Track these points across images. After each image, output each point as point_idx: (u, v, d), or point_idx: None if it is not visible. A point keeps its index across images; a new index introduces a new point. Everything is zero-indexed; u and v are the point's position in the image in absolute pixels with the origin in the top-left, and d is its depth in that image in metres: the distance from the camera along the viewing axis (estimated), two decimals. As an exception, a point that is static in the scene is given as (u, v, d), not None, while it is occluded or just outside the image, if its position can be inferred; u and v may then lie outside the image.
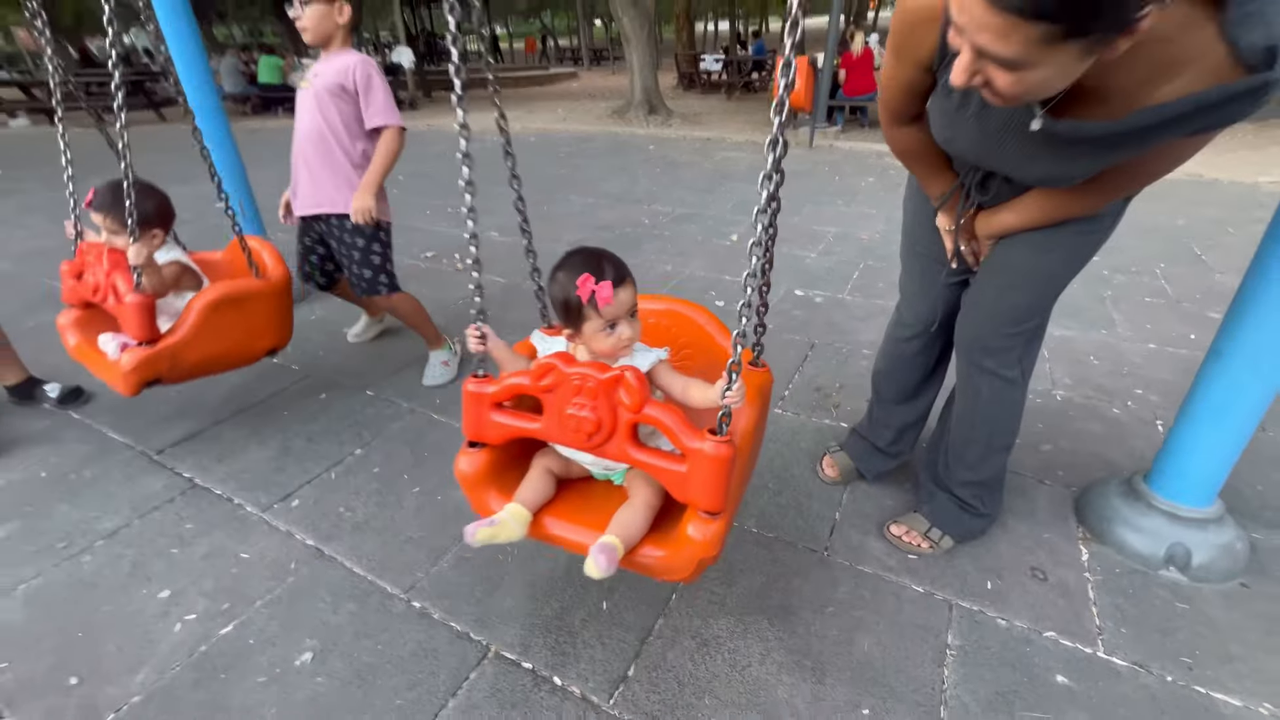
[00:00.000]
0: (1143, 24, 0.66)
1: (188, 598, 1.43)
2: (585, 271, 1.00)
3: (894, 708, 1.16)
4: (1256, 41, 0.72)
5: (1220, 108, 0.79)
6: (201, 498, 1.75)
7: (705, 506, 0.94)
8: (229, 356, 1.91)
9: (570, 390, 0.96)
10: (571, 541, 1.08)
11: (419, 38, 19.42)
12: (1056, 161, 0.98)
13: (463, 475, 1.13)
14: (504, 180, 1.22)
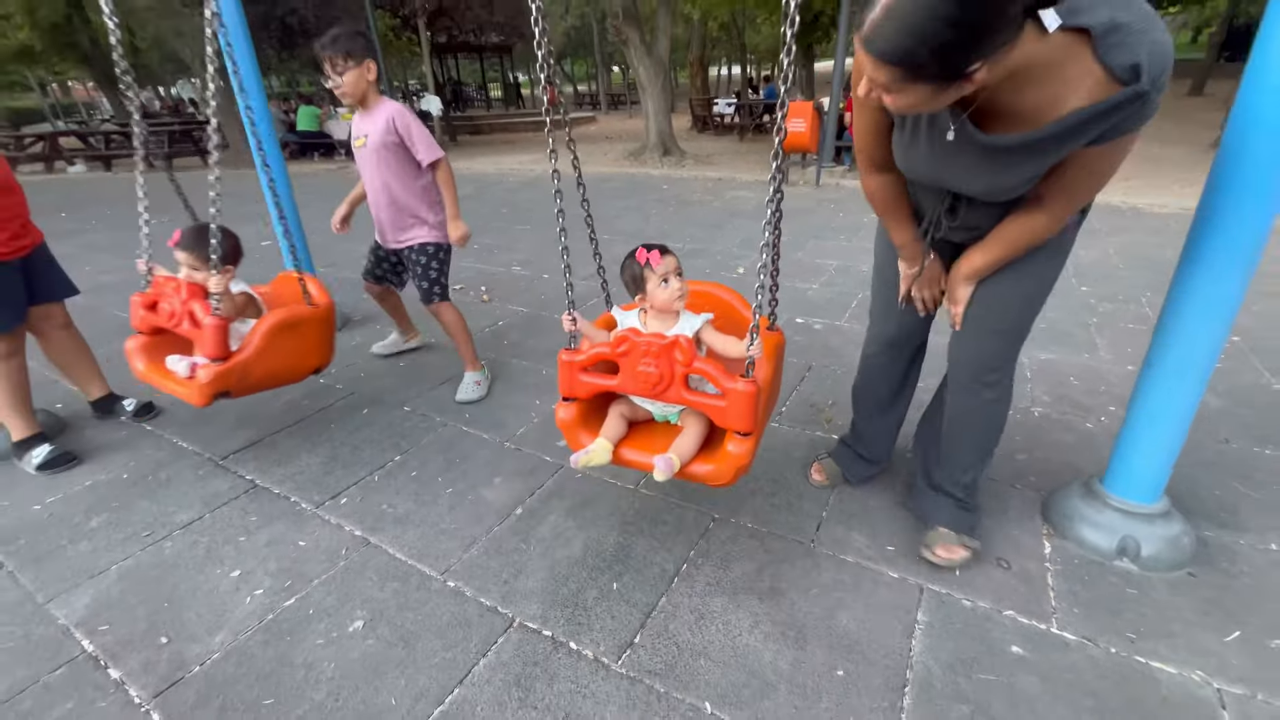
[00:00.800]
0: (978, 75, 0.88)
1: (255, 576, 1.66)
2: (640, 248, 1.44)
3: (865, 670, 1.33)
4: (1124, 61, 0.91)
5: (1108, 115, 0.96)
6: (262, 496, 1.99)
7: (740, 428, 1.31)
8: (285, 373, 2.17)
9: (640, 353, 1.35)
10: (642, 463, 1.43)
11: (445, 86, 20.46)
12: (995, 172, 1.13)
13: (562, 421, 1.50)
14: (525, 219, 1.53)
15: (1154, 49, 0.90)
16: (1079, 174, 1.10)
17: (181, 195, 2.31)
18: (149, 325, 2.08)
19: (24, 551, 1.78)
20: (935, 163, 1.19)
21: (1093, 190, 1.15)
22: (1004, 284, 1.34)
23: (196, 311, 1.92)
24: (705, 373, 1.31)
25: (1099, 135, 1.00)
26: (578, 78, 37.92)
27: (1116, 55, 0.91)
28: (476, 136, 16.42)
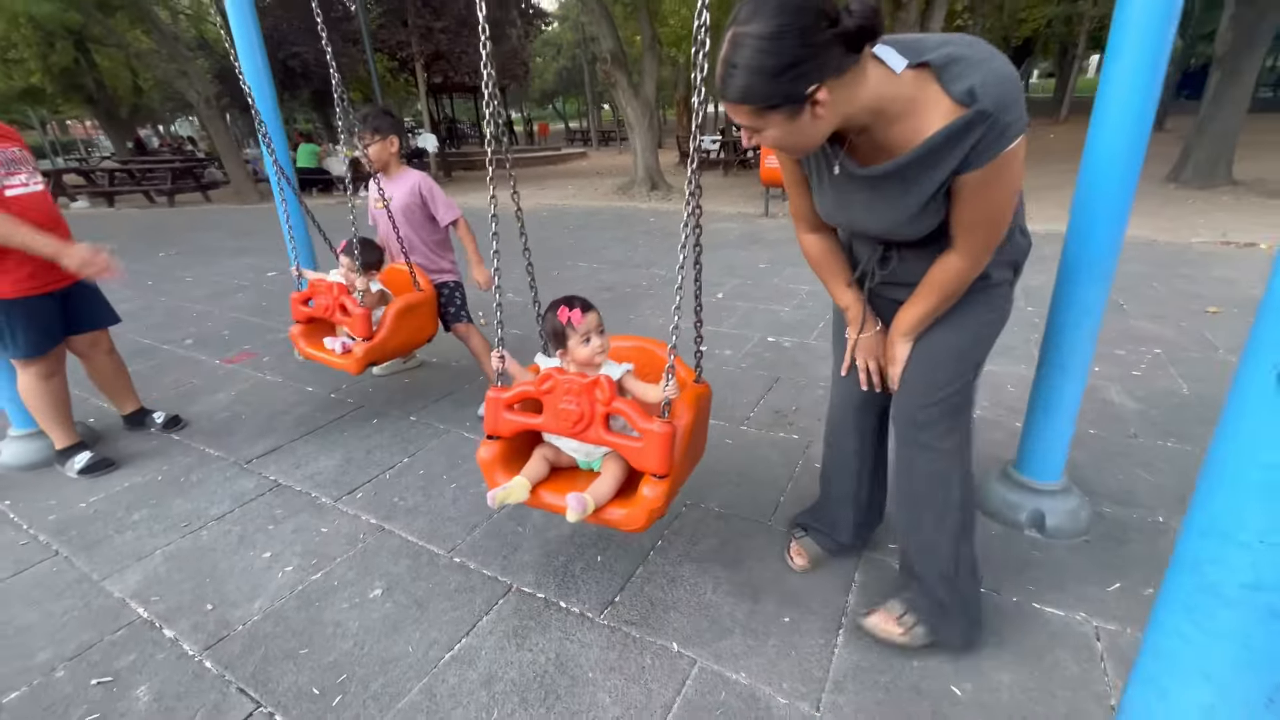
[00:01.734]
0: (820, 94, 0.96)
1: (284, 557, 1.89)
2: (562, 305, 1.48)
3: (808, 617, 1.59)
4: (962, 86, 0.99)
5: (958, 137, 1.01)
6: (285, 493, 2.23)
7: (655, 470, 1.35)
8: (410, 343, 2.65)
9: (562, 391, 1.39)
10: (556, 505, 1.45)
11: (440, 123, 21.15)
12: (884, 205, 1.17)
13: (482, 460, 1.55)
14: (519, 250, 1.77)
15: (989, 74, 0.99)
16: (969, 205, 1.11)
17: (315, 223, 2.81)
18: (305, 315, 2.54)
19: (76, 541, 2.01)
20: (839, 202, 1.26)
21: (990, 223, 1.14)
22: (936, 338, 1.33)
23: (347, 304, 2.37)
24: (623, 412, 1.34)
25: (964, 161, 1.04)
26: (569, 115, 39.09)
27: (956, 83, 1.00)
28: (471, 172, 16.95)
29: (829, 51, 0.95)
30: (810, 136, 1.06)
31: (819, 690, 1.39)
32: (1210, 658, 0.59)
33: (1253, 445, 0.53)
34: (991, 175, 1.05)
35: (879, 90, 1.03)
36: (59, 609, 1.72)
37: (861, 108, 1.04)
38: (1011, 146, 1.01)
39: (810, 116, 1.01)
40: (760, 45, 0.94)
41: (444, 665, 1.49)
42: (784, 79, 0.95)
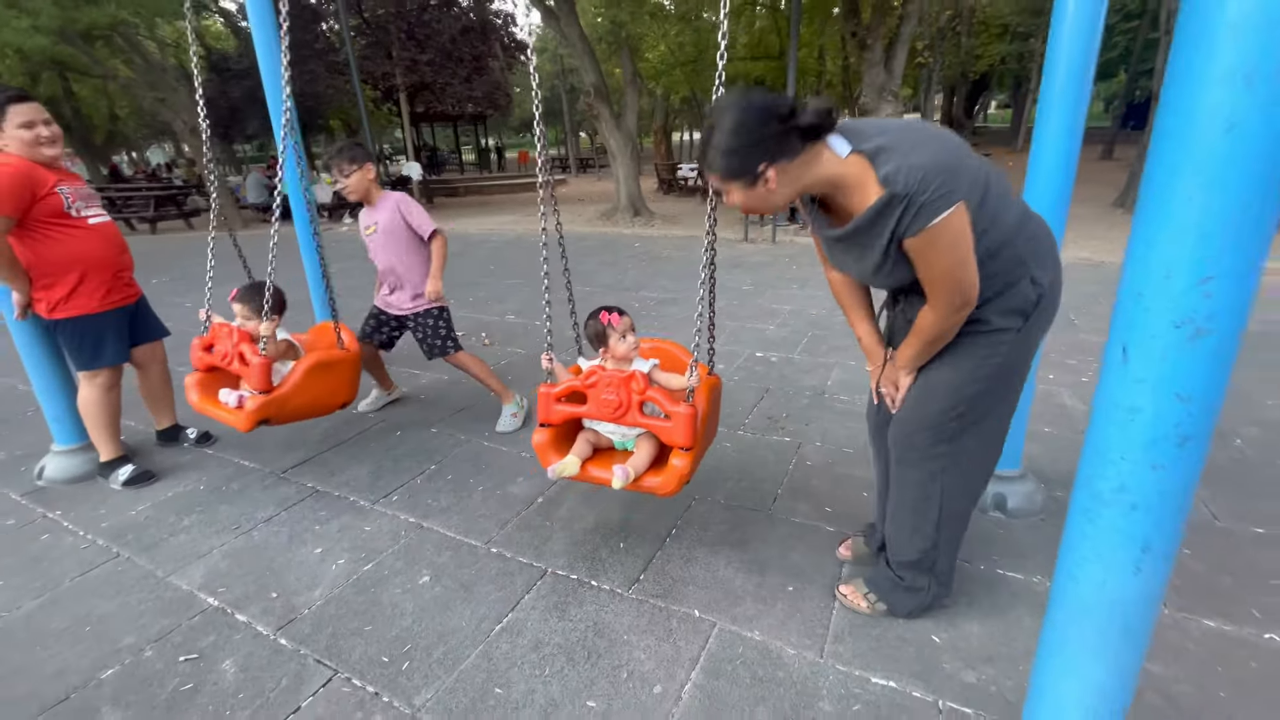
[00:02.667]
0: (769, 173, 1.21)
1: (334, 552, 2.09)
2: (602, 311, 1.84)
3: (808, 586, 1.84)
4: (884, 172, 1.20)
5: (882, 213, 1.22)
6: (325, 498, 2.42)
7: (682, 444, 1.67)
8: (317, 406, 2.52)
9: (604, 384, 1.71)
10: (600, 477, 1.75)
11: (422, 151, 21.45)
12: (857, 259, 1.38)
13: (536, 444, 1.85)
14: (514, 274, 2.09)
15: (904, 163, 1.18)
16: (921, 266, 1.27)
17: (241, 256, 2.79)
18: (205, 364, 2.49)
19: (134, 544, 2.17)
20: (831, 253, 1.50)
21: (944, 280, 1.26)
22: (934, 372, 1.47)
23: (246, 352, 2.31)
24: (655, 399, 1.66)
25: (898, 231, 1.23)
26: (548, 143, 39.81)
27: (881, 168, 1.21)
28: (452, 199, 17.22)
29: (781, 140, 1.22)
30: (768, 202, 1.31)
31: (821, 642, 1.64)
32: (1098, 543, 0.86)
33: (1114, 394, 0.81)
34: (926, 243, 1.22)
35: (830, 170, 1.27)
36: (133, 600, 1.89)
37: (816, 181, 1.29)
38: (937, 220, 1.17)
39: (764, 188, 1.26)
40: (724, 132, 1.23)
41: (495, 635, 1.70)
42: (738, 158, 1.23)
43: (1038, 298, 1.35)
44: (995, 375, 1.41)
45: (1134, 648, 0.91)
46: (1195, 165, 0.68)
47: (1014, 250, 1.31)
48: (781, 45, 14.70)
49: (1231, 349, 0.74)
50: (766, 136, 1.21)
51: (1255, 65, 0.63)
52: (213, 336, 2.49)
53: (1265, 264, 0.72)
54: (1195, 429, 0.76)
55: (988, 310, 1.36)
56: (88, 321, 2.40)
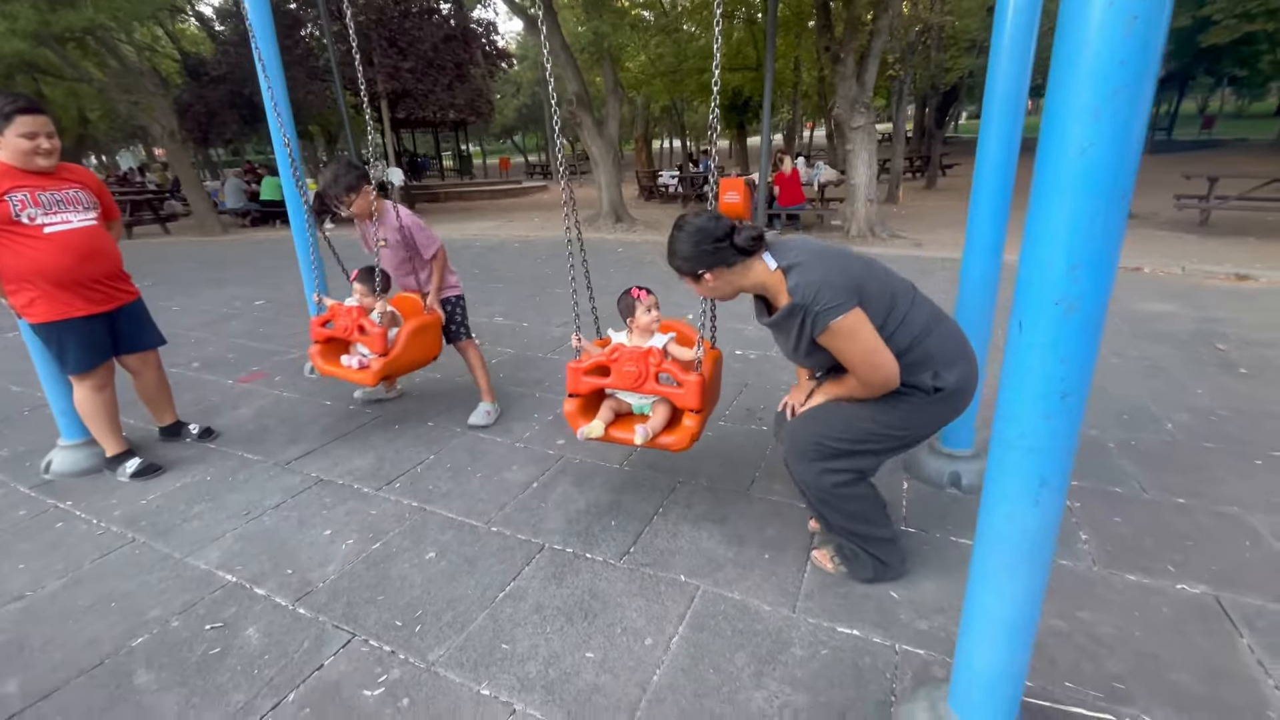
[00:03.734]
0: (707, 276, 1.64)
1: (344, 534, 2.23)
2: (633, 288, 2.15)
3: (781, 555, 2.04)
4: (791, 283, 1.57)
5: (788, 315, 1.58)
6: (330, 486, 2.56)
7: (692, 407, 1.97)
8: (419, 360, 2.91)
9: (625, 358, 2.00)
10: (623, 438, 2.05)
11: (403, 157, 21.44)
12: (785, 344, 1.73)
13: (567, 412, 2.14)
14: (497, 279, 2.30)
15: (803, 279, 1.55)
16: (835, 355, 1.61)
17: (334, 252, 3.06)
18: (324, 336, 2.84)
19: (149, 529, 2.29)
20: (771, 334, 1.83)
21: (858, 366, 1.59)
22: (841, 404, 1.76)
23: (365, 324, 2.69)
24: (670, 369, 1.98)
25: (803, 328, 1.58)
26: (528, 149, 39.91)
27: (789, 280, 1.58)
28: (433, 204, 17.27)
29: (722, 254, 1.62)
30: (717, 294, 1.73)
31: (794, 600, 1.83)
32: (1006, 483, 1.07)
33: (1014, 359, 1.02)
34: (829, 338, 1.56)
35: (761, 278, 1.65)
36: (154, 579, 2.01)
37: (750, 284, 1.68)
38: (831, 323, 1.51)
39: (707, 284, 1.69)
40: (679, 241, 1.66)
41: (500, 600, 1.87)
42: (687, 262, 1.66)
43: (934, 389, 1.64)
44: (891, 424, 1.69)
45: (1040, 567, 1.11)
46: (1062, 179, 0.89)
47: (924, 348, 1.62)
48: (759, 57, 15.11)
49: (1098, 323, 0.94)
50: (705, 251, 1.62)
51: (1102, 103, 0.84)
52: (331, 314, 2.81)
53: (1119, 254, 0.93)
54: (1073, 386, 0.97)
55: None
56: (49, 329, 2.44)
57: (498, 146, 44.98)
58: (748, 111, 20.21)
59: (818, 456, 1.75)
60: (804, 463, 1.77)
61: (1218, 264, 6.17)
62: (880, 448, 1.74)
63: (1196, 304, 4.91)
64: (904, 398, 1.66)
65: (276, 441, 2.97)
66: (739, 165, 19.51)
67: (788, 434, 1.84)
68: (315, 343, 2.88)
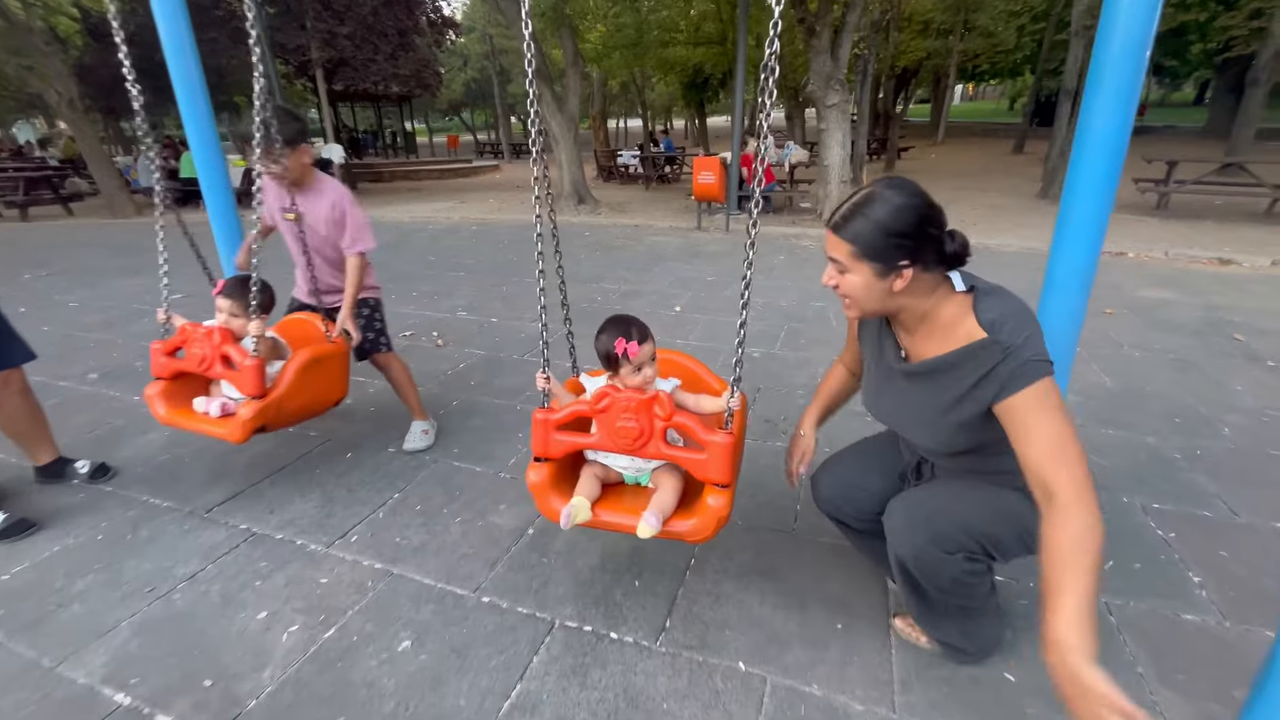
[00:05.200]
0: (905, 271, 1.14)
1: (284, 615, 1.69)
2: (619, 336, 1.45)
3: (856, 621, 1.63)
4: (987, 315, 1.16)
5: (972, 357, 1.15)
6: (265, 543, 2.00)
7: (719, 480, 1.37)
8: (313, 406, 2.30)
9: (620, 409, 1.39)
10: (619, 524, 1.45)
11: (343, 133, 19.98)
12: (915, 400, 1.29)
13: (533, 484, 1.50)
14: (455, 266, 1.78)
15: (1006, 313, 1.14)
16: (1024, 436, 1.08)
17: (195, 247, 2.30)
18: (171, 371, 2.15)
19: (9, 621, 1.69)
20: (879, 389, 1.40)
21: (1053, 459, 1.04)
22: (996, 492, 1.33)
23: (233, 354, 2.00)
24: (686, 426, 1.36)
25: (987, 378, 1.13)
26: (477, 126, 38.25)
27: (985, 311, 1.17)
28: (377, 184, 16.13)
29: (929, 247, 1.15)
30: (878, 301, 1.21)
31: (889, 692, 1.43)
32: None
33: None
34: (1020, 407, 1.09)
35: (939, 301, 1.21)
36: (8, 706, 1.43)
37: (918, 305, 1.22)
38: (1039, 382, 1.08)
39: (890, 282, 1.17)
40: (889, 205, 1.13)
41: (505, 716, 1.39)
42: (892, 240, 1.14)
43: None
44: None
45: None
46: None
47: None
48: (723, 30, 14.58)
49: None
50: (926, 236, 1.15)
51: None
52: (182, 339, 2.10)
53: None
54: None
55: None
56: None
57: (445, 123, 42.92)
58: (708, 90, 19.72)
59: (957, 549, 1.29)
60: (937, 551, 1.30)
61: (1188, 247, 6.15)
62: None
63: (1192, 290, 4.79)
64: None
65: (194, 480, 2.36)
66: (699, 146, 19.04)
67: (914, 510, 1.35)
68: (157, 379, 2.17)
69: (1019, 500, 1.28)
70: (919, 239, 1.14)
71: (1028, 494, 1.25)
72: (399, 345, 3.81)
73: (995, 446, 1.25)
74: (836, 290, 1.26)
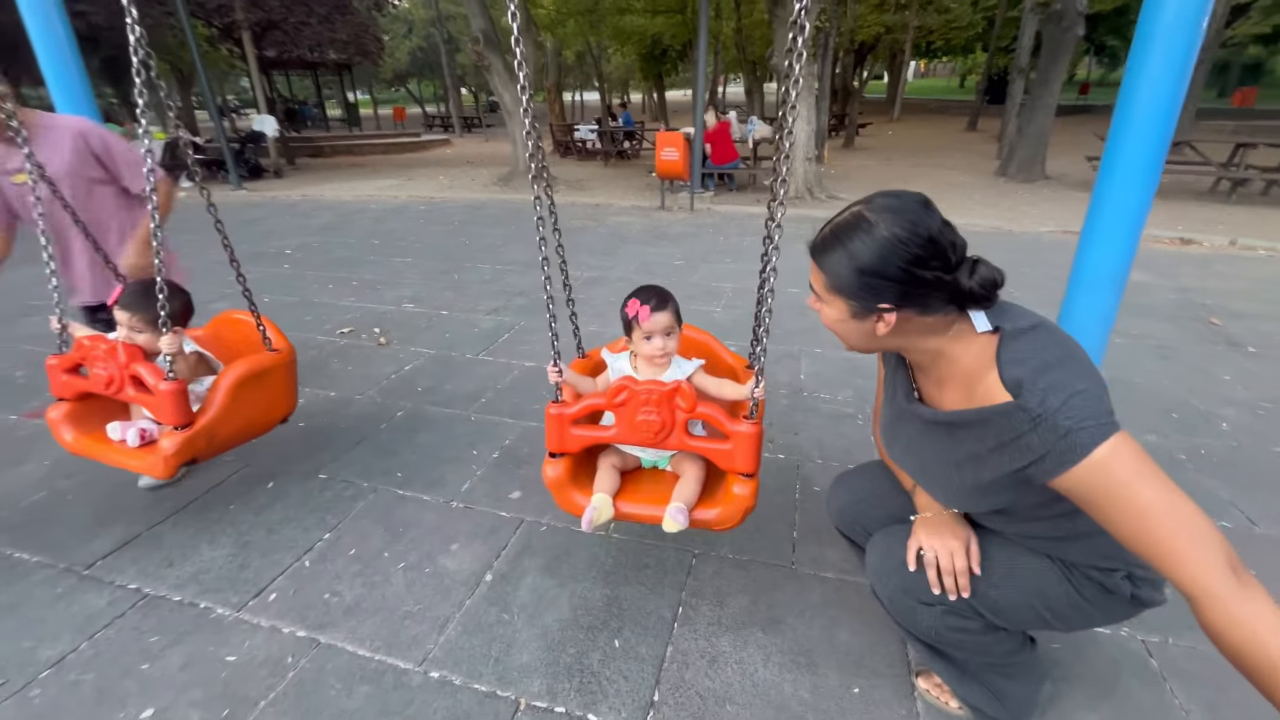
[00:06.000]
0: (888, 316, 0.93)
1: (176, 711, 1.35)
2: (635, 298, 1.43)
3: (876, 683, 1.40)
4: (1013, 373, 0.90)
5: (996, 422, 0.91)
6: (159, 607, 1.63)
7: (746, 469, 1.33)
8: (253, 427, 1.95)
9: (640, 402, 1.32)
10: (643, 515, 1.41)
11: (277, 104, 18.61)
12: (939, 454, 1.06)
13: (551, 481, 1.43)
14: (402, 251, 1.46)
15: (1045, 365, 0.88)
16: (1095, 518, 0.87)
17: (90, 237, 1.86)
18: (75, 391, 1.77)
19: None
20: (891, 422, 1.20)
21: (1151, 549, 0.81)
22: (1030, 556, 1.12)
23: (145, 376, 1.63)
24: (710, 417, 1.31)
25: (1021, 450, 0.89)
26: (426, 99, 36.48)
27: (1009, 365, 0.91)
28: (317, 159, 15.09)
29: (925, 289, 0.92)
30: (863, 340, 1.02)
31: (925, 780, 1.21)
32: None
33: None
34: (1084, 480, 0.84)
35: (951, 342, 0.98)
36: None
37: (927, 349, 1.00)
38: (1096, 453, 0.81)
39: (869, 325, 0.97)
40: (870, 239, 0.91)
41: (460, 846, 1.10)
42: (864, 280, 0.92)
43: (1131, 598, 1.05)
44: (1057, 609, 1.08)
45: None
46: None
47: None
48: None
49: None
50: (915, 278, 0.91)
51: None
52: (80, 355, 1.71)
53: None
54: None
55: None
56: None
57: (391, 95, 40.77)
58: (666, 62, 19.15)
59: (935, 600, 1.13)
60: (909, 600, 1.16)
61: (1148, 226, 6.19)
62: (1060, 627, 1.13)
63: (1161, 271, 4.77)
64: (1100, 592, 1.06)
65: (75, 524, 1.95)
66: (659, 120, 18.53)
67: (894, 547, 1.19)
68: (61, 400, 1.81)
69: (1048, 569, 1.07)
70: (907, 282, 0.91)
71: (1062, 564, 1.07)
72: (338, 344, 3.40)
73: (1022, 514, 1.05)
74: None
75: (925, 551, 1.13)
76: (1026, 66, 14.07)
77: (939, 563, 1.11)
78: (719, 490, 1.44)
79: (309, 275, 4.79)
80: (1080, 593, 1.06)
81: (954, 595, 1.10)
